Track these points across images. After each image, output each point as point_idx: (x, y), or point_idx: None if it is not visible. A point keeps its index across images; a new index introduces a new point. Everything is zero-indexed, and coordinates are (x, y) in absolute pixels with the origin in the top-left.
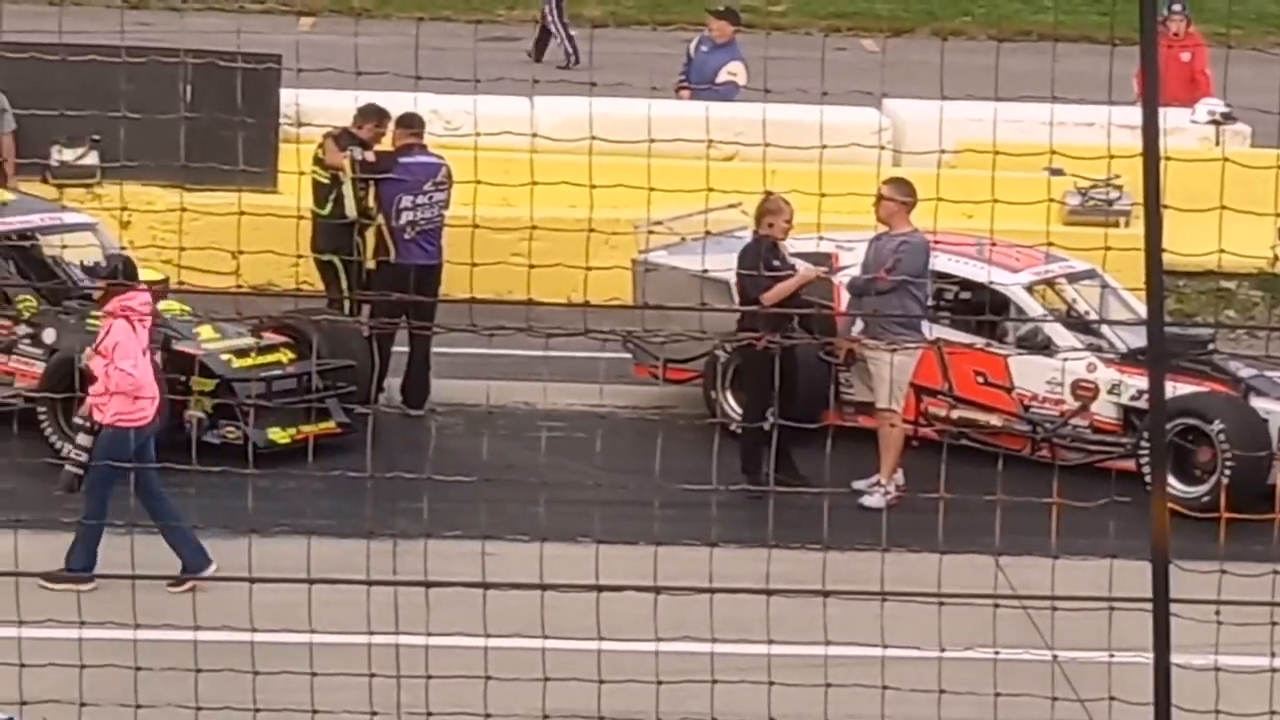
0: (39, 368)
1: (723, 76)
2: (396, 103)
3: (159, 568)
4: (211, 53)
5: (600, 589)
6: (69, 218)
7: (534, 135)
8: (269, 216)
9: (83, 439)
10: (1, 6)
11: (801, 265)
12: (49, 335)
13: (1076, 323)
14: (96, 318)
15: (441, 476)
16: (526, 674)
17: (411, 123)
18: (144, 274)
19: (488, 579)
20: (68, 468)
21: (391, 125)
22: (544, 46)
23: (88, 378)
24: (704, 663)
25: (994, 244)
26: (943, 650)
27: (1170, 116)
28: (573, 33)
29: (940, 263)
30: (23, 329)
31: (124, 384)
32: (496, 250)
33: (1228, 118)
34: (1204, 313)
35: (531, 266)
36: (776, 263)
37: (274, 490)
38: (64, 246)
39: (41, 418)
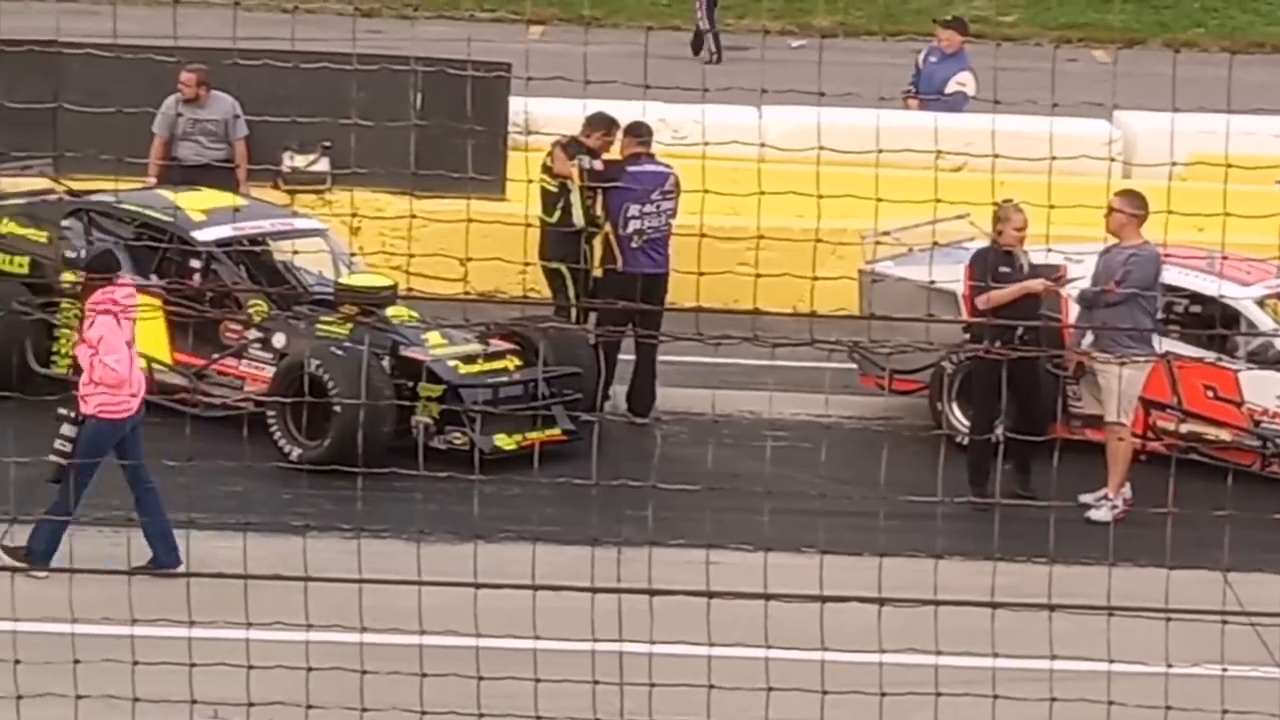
0: (269, 372)
1: (952, 87)
2: (625, 111)
3: (366, 571)
4: (442, 60)
5: (824, 599)
6: (300, 223)
7: (762, 145)
8: (497, 224)
9: (66, 429)
10: (237, 15)
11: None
12: (279, 340)
13: None
14: (328, 322)
15: (666, 485)
16: (749, 683)
17: (640, 131)
18: (373, 280)
19: (712, 587)
20: (52, 457)
21: (620, 134)
22: (701, 43)
23: (74, 368)
24: (928, 675)
25: (1225, 257)
26: (1169, 666)
27: None
28: (719, 31)
29: (1170, 275)
30: (253, 333)
31: (108, 377)
32: (723, 259)
33: None
34: None
35: (758, 276)
36: (1006, 269)
37: (499, 496)
38: (295, 252)
39: (270, 422)
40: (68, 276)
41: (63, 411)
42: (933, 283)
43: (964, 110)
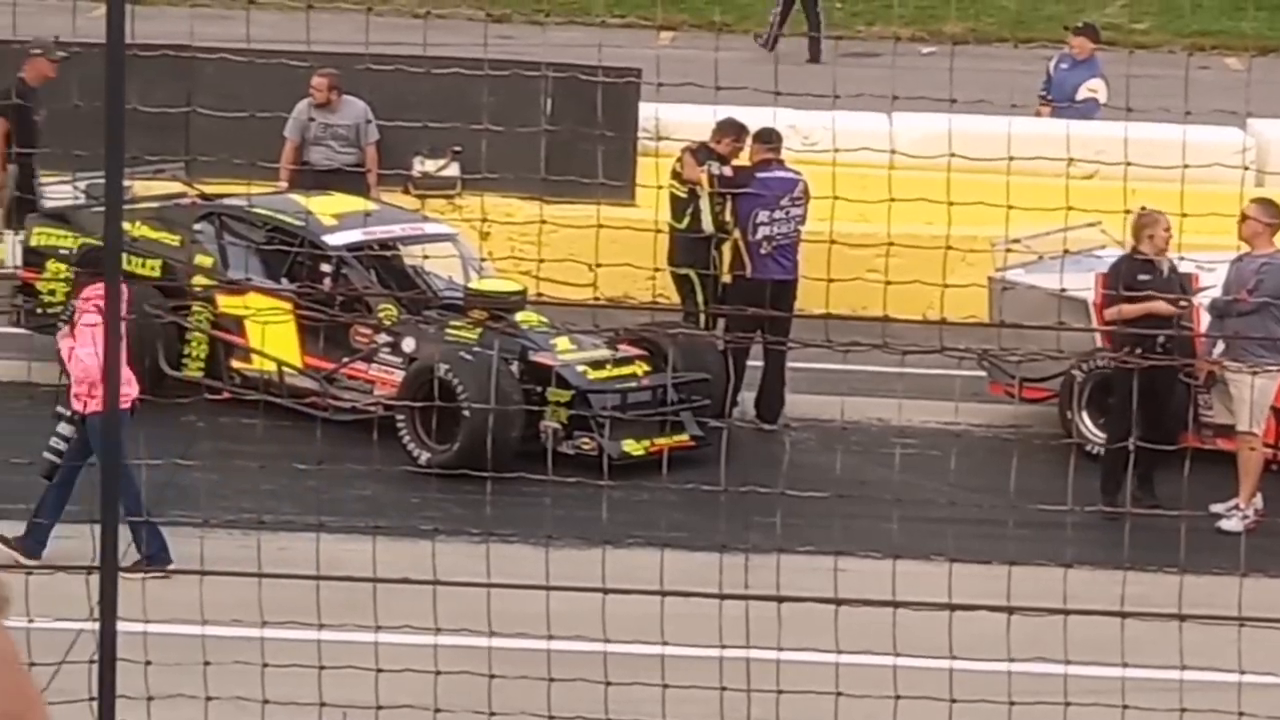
0: (398, 376)
1: (1083, 93)
2: (755, 117)
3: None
4: (572, 66)
5: (953, 608)
6: (430, 228)
7: (892, 151)
8: (626, 229)
9: (64, 428)
10: (369, 20)
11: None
12: (408, 344)
13: None
14: (457, 327)
15: (794, 491)
16: (877, 691)
17: (769, 138)
18: (502, 285)
19: (840, 595)
20: (46, 455)
21: (749, 140)
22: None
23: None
24: (1057, 684)
25: None
26: None
27: None
28: (782, 29)
29: None
30: (383, 338)
31: (78, 371)
32: (853, 266)
33: None
34: None
35: (888, 283)
36: (1146, 278)
37: (627, 502)
38: (425, 257)
39: (400, 426)
40: (199, 280)
41: (60, 410)
42: (1063, 290)
43: (1095, 117)
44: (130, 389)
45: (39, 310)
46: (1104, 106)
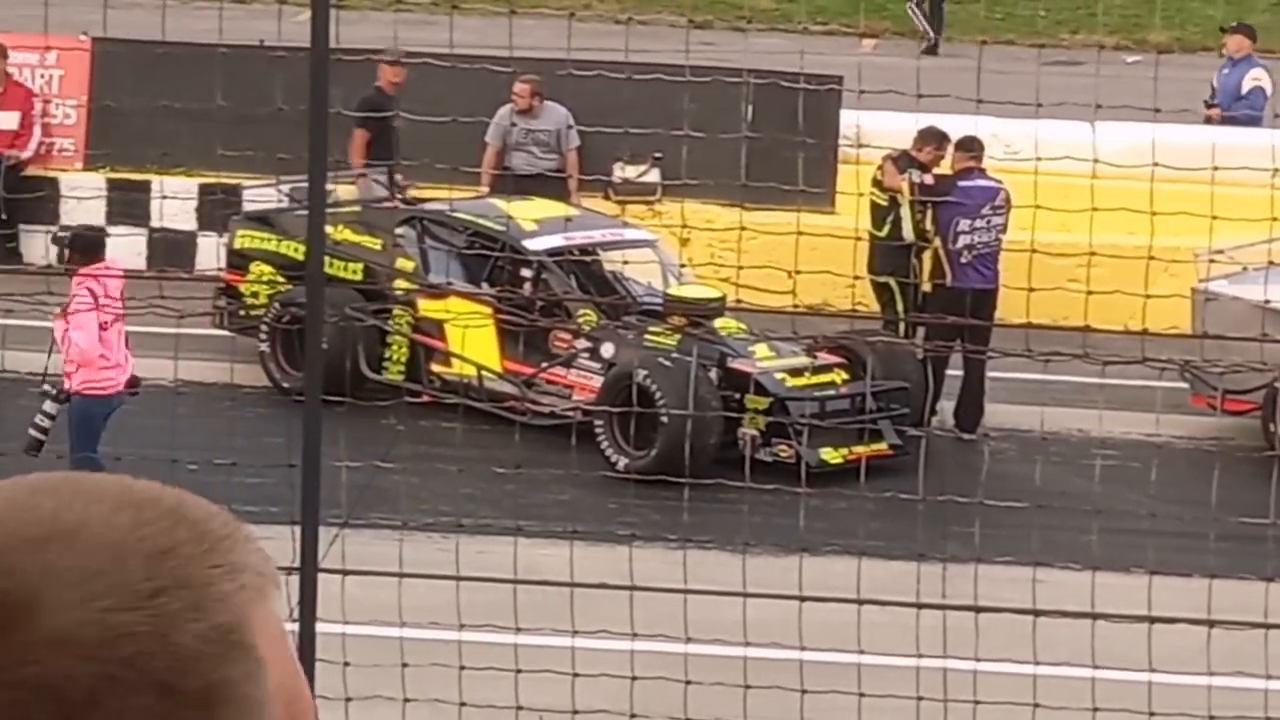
0: (597, 381)
1: (1248, 84)
2: (956, 126)
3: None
4: (774, 73)
5: (1152, 620)
6: (629, 234)
7: (1095, 161)
8: (826, 237)
9: (49, 406)
10: (571, 26)
11: None
12: (607, 349)
13: None
14: (656, 333)
15: (993, 501)
16: (1075, 703)
17: (971, 146)
18: (702, 291)
19: (1038, 606)
20: (31, 432)
21: (951, 148)
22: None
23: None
24: (1258, 699)
25: None
26: None
27: None
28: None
29: None
30: (582, 343)
31: (74, 354)
32: (1054, 275)
33: None
34: None
35: (1089, 293)
36: None
37: (825, 510)
38: (624, 262)
39: (598, 431)
40: (400, 284)
41: (46, 388)
42: (1267, 302)
43: (1263, 108)
44: (121, 372)
45: (241, 313)
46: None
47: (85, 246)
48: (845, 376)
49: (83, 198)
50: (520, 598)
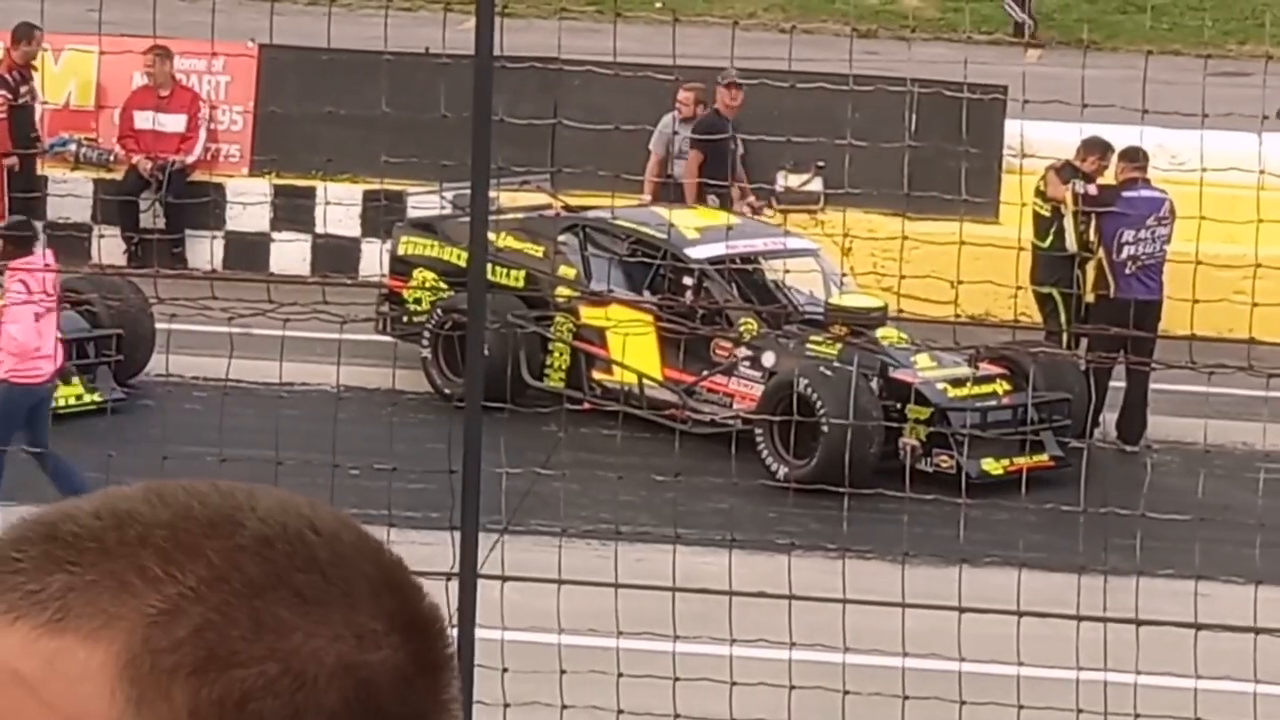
0: (757, 390)
1: None
2: (1121, 136)
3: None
4: (938, 82)
5: None
6: (792, 242)
7: (1261, 172)
8: (989, 247)
9: None
10: (735, 34)
11: None
12: (768, 358)
13: None
14: (817, 342)
15: (1155, 514)
16: (1237, 717)
17: (1136, 156)
18: (864, 300)
19: (1199, 620)
20: None
21: (1115, 159)
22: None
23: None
24: None
25: None
26: None
27: None
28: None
29: None
30: (743, 351)
31: (10, 346)
32: (1219, 287)
33: None
34: None
35: (1255, 305)
36: None
37: (985, 521)
38: (786, 271)
39: (759, 439)
40: (562, 291)
41: None
42: None
43: None
44: (50, 363)
45: (404, 319)
46: None
47: (17, 240)
48: (1007, 387)
49: (248, 203)
50: (679, 606)
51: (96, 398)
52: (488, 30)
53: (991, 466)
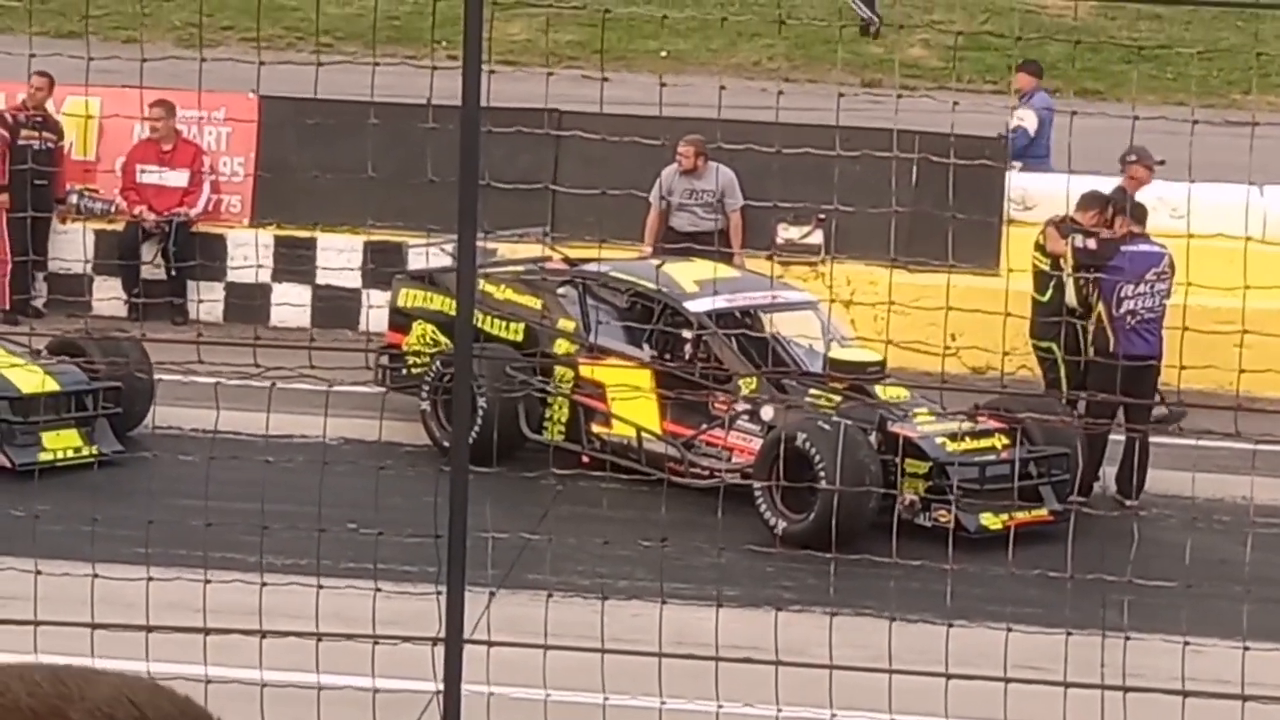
0: (756, 444)
1: (1013, 123)
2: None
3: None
4: (936, 135)
5: None
6: (791, 296)
7: (1263, 225)
8: (989, 300)
9: None
10: (721, 93)
11: None
12: (767, 412)
13: None
14: (816, 396)
15: (1141, 579)
16: None
17: (1135, 211)
18: (863, 355)
19: (1194, 677)
20: None
21: (1113, 213)
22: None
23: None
24: None
25: None
26: None
27: None
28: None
29: None
30: (742, 405)
31: None
32: (1218, 343)
33: None
34: None
35: (1242, 372)
36: None
37: (983, 576)
38: (783, 326)
39: (757, 493)
40: (561, 345)
41: None
42: None
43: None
44: None
45: (404, 371)
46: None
47: None
48: (1006, 441)
49: (249, 254)
50: (673, 661)
51: (95, 451)
52: (474, 81)
53: (990, 521)
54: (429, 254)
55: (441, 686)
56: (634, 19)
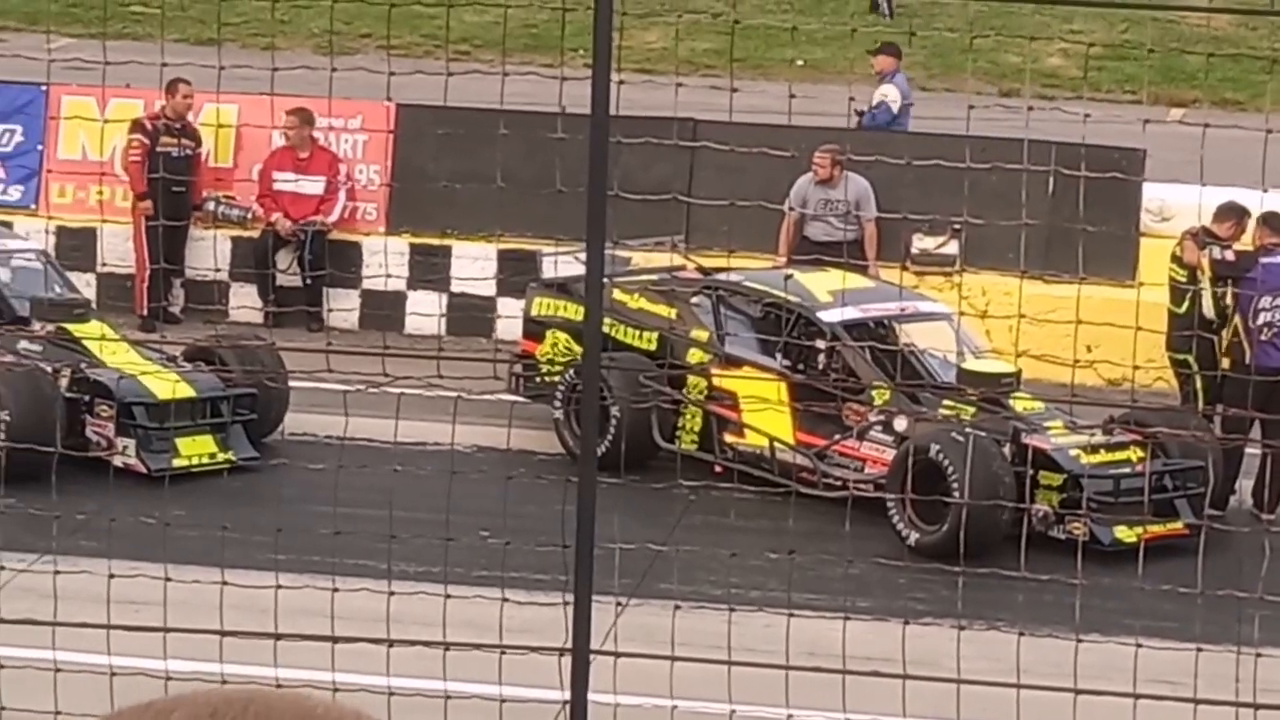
0: (889, 455)
1: (875, 98)
2: (1260, 201)
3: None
4: (1075, 145)
5: None
6: (925, 306)
7: None
8: (1125, 312)
9: None
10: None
11: None
12: (900, 423)
13: None
14: (950, 407)
15: (1273, 596)
16: None
17: (1274, 221)
18: (997, 366)
19: None
20: None
21: (1252, 223)
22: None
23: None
24: None
25: None
26: None
27: None
28: None
29: None
30: (875, 415)
31: None
32: None
33: None
34: None
35: None
36: None
37: (1118, 589)
38: (918, 336)
39: (889, 504)
40: (695, 354)
41: None
42: None
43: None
44: None
45: (537, 379)
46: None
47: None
48: (1141, 454)
49: (383, 262)
50: (801, 672)
51: (230, 456)
52: (603, 90)
53: (1124, 534)
54: (562, 262)
55: (569, 696)
56: (770, 29)
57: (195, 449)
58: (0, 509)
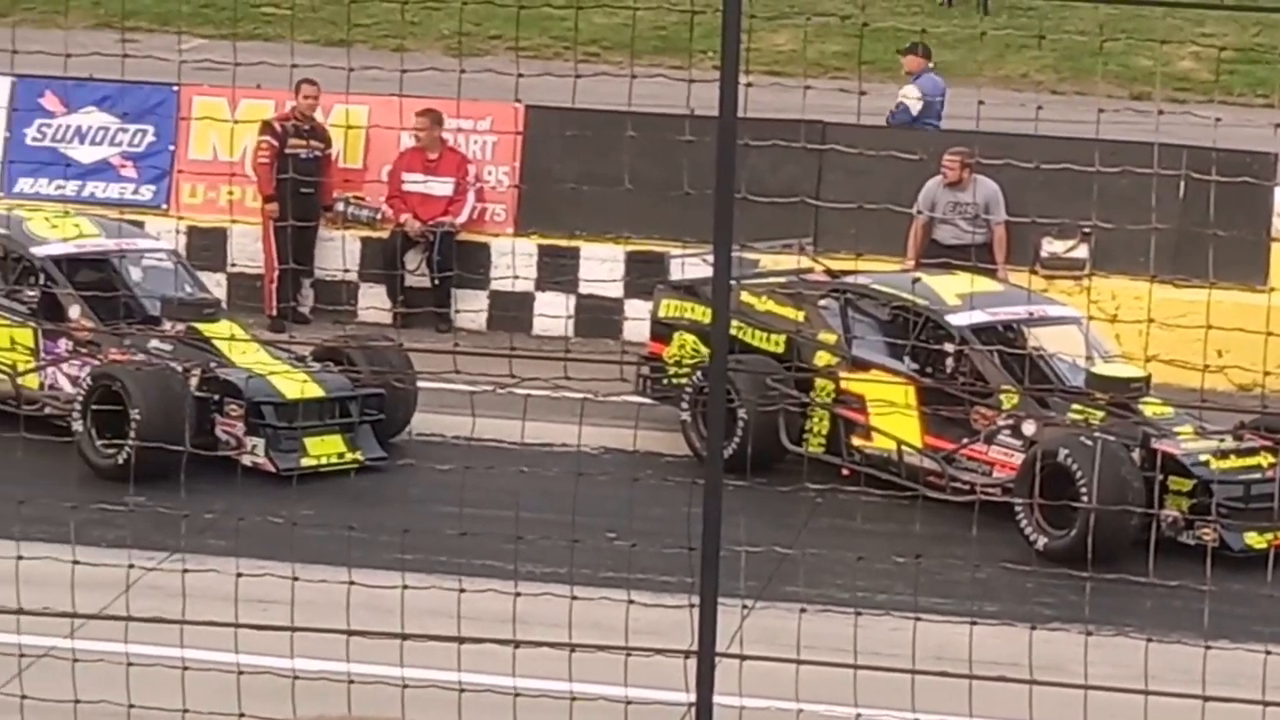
0: (1017, 459)
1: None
2: None
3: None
4: (1206, 149)
5: None
6: (1054, 310)
7: None
8: (1257, 316)
9: None
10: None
11: None
12: (1028, 427)
13: None
14: (1079, 412)
15: None
16: None
17: None
18: (1127, 370)
19: None
20: None
21: None
22: None
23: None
24: None
25: None
26: None
27: None
28: None
29: None
30: (1003, 419)
31: None
32: None
33: None
34: None
35: None
36: None
37: (1248, 595)
38: (1047, 341)
39: (1017, 508)
40: (822, 357)
41: None
42: None
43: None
44: None
45: (664, 381)
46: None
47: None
48: (1271, 459)
49: (511, 263)
50: (928, 676)
51: (358, 456)
52: (731, 92)
53: (1255, 540)
54: (689, 264)
55: (694, 699)
56: (900, 31)
57: (323, 449)
58: (130, 507)
